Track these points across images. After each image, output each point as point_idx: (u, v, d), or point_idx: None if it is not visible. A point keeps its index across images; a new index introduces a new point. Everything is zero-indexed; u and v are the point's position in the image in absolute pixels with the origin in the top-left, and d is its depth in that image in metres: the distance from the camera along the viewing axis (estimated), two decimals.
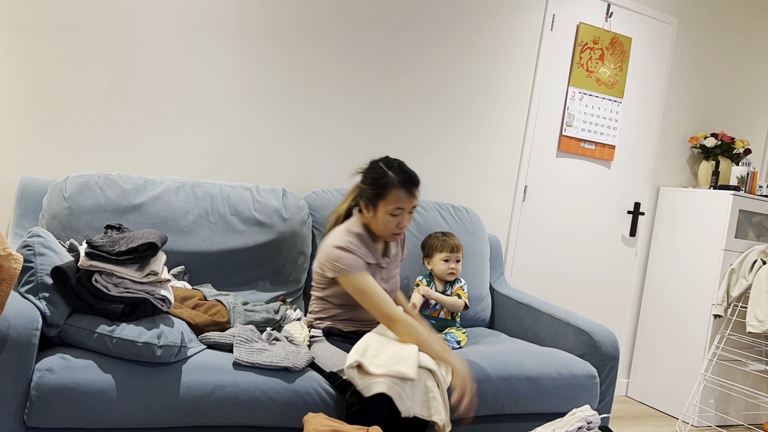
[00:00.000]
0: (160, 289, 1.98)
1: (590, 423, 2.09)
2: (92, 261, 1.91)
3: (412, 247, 2.94)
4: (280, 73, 3.00)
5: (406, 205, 2.22)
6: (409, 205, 2.23)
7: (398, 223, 2.23)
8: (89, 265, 1.90)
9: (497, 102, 3.54)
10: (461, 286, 2.79)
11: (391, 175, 2.21)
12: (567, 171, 3.79)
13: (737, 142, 4.12)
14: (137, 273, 1.94)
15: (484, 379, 2.28)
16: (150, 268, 1.96)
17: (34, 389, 1.74)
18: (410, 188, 2.22)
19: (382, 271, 2.32)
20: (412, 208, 2.25)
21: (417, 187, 2.25)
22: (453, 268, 2.76)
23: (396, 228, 2.24)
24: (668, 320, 3.95)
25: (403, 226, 2.25)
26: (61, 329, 1.89)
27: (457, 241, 2.80)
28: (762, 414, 3.97)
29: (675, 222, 4.01)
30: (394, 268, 2.40)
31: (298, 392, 2.01)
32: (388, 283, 2.35)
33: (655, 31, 4.00)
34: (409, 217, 2.27)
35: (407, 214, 2.25)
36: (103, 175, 2.46)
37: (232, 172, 2.94)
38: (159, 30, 2.74)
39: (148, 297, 1.95)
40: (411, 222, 2.79)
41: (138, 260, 1.95)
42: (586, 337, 2.65)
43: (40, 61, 2.56)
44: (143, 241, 1.95)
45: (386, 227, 2.24)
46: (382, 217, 2.23)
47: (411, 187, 2.22)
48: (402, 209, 2.22)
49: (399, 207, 2.21)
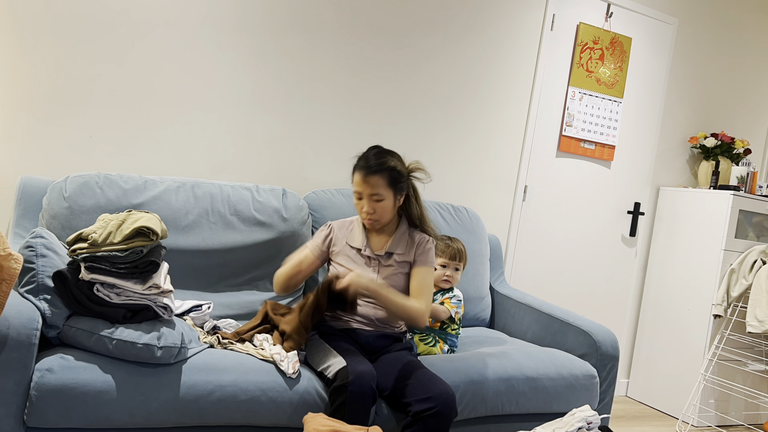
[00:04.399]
0: (162, 298, 1.98)
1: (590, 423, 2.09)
2: (93, 274, 1.89)
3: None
4: (281, 74, 3.00)
5: (362, 189, 2.24)
6: (366, 190, 2.24)
7: (362, 207, 2.27)
8: (90, 278, 1.89)
9: (497, 102, 3.54)
10: (450, 297, 2.64)
11: (358, 160, 2.29)
12: (567, 171, 3.79)
13: (737, 142, 4.12)
14: (139, 286, 1.93)
15: (483, 380, 2.28)
16: (152, 281, 1.95)
17: (34, 389, 1.74)
18: (364, 173, 2.23)
19: (378, 267, 2.30)
20: (370, 195, 2.24)
21: (371, 174, 2.23)
22: (449, 276, 2.67)
23: (363, 213, 2.27)
24: (668, 320, 3.95)
25: (366, 212, 2.25)
26: (60, 330, 1.89)
27: (461, 248, 2.69)
28: (762, 414, 3.97)
29: (675, 222, 4.01)
30: (399, 269, 2.31)
31: (298, 392, 2.01)
32: (386, 282, 2.29)
33: (655, 31, 4.00)
34: (375, 206, 2.24)
35: (370, 201, 2.25)
36: (103, 175, 2.46)
37: (232, 172, 2.94)
38: (159, 30, 2.74)
39: (150, 303, 1.95)
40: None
41: (140, 276, 1.95)
42: (586, 337, 2.65)
43: (40, 61, 2.56)
44: (145, 257, 1.94)
45: (358, 211, 2.30)
46: (354, 201, 2.31)
47: (364, 171, 2.23)
48: (360, 194, 2.25)
49: (357, 191, 2.26)
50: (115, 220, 1.99)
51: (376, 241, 2.33)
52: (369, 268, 2.29)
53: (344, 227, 2.38)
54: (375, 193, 2.23)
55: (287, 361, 2.04)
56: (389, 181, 2.24)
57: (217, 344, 2.16)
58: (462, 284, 2.99)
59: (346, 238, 2.35)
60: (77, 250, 1.93)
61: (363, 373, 1.96)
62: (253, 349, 2.12)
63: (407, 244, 2.33)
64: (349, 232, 2.36)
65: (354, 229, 2.36)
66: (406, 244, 2.33)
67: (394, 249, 2.32)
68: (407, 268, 2.32)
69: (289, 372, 2.01)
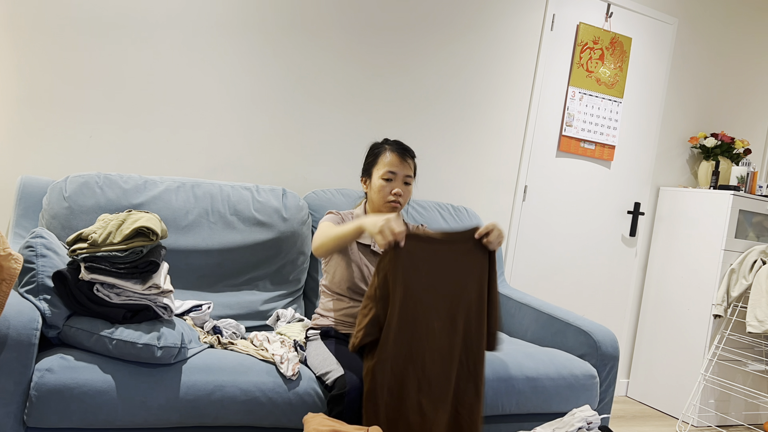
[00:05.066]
0: (162, 298, 1.98)
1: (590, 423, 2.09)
2: (93, 274, 1.89)
3: None
4: (281, 74, 3.00)
5: (398, 169, 2.24)
6: (402, 171, 2.24)
7: (392, 189, 2.24)
8: (90, 278, 1.89)
9: (497, 102, 3.54)
10: None
11: (384, 145, 2.31)
12: (567, 171, 3.79)
13: (737, 142, 4.12)
14: (139, 286, 1.93)
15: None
16: (152, 282, 1.95)
17: (34, 389, 1.74)
18: (403, 154, 2.26)
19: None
20: (405, 176, 2.25)
21: (411, 157, 2.29)
22: None
23: (391, 195, 2.24)
24: (668, 320, 3.95)
25: (398, 193, 2.24)
26: (60, 330, 1.89)
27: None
28: (762, 414, 3.97)
29: (675, 222, 4.01)
30: None
31: (298, 392, 2.01)
32: None
33: (655, 31, 4.00)
34: (405, 189, 2.25)
35: (402, 184, 2.25)
36: (103, 175, 2.46)
37: (232, 172, 2.94)
38: (159, 30, 2.74)
39: (150, 304, 1.95)
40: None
41: (139, 276, 1.95)
42: (586, 337, 2.65)
43: (40, 61, 2.56)
44: (145, 256, 1.94)
45: (381, 195, 2.25)
46: (377, 184, 2.26)
47: (403, 153, 2.27)
48: (394, 174, 2.24)
49: (391, 171, 2.24)
50: (115, 220, 1.99)
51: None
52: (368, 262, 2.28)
53: (348, 220, 2.34)
54: (408, 175, 2.27)
55: (287, 363, 2.04)
56: (415, 168, 2.32)
57: (217, 344, 2.16)
58: None
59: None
60: (77, 250, 1.93)
61: (360, 382, 1.96)
62: (253, 349, 2.12)
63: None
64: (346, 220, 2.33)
65: (389, 211, 2.30)
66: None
67: None
68: None
69: (288, 374, 2.01)
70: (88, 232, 1.96)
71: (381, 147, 2.32)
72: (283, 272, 2.67)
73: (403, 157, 2.26)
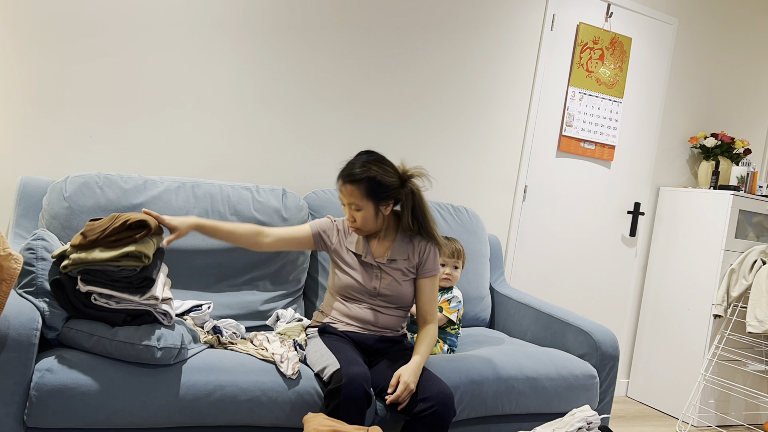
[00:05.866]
0: (162, 305, 1.98)
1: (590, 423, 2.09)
2: (89, 286, 1.88)
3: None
4: (281, 74, 3.00)
5: (343, 198, 2.24)
6: (346, 199, 2.23)
7: (348, 215, 2.25)
8: (87, 289, 1.87)
9: (497, 102, 3.54)
10: (448, 299, 2.65)
11: (344, 165, 2.27)
12: (567, 171, 3.79)
13: (737, 142, 4.12)
14: (137, 297, 1.92)
15: (483, 380, 2.28)
16: (150, 294, 1.94)
17: (34, 389, 1.74)
18: (342, 181, 2.23)
19: (380, 274, 2.27)
20: (349, 203, 2.22)
21: (347, 183, 2.20)
22: (448, 275, 2.69)
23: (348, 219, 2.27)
24: (668, 320, 3.95)
25: (351, 220, 2.24)
26: (59, 332, 1.89)
27: (460, 247, 2.72)
28: (762, 414, 3.97)
29: (675, 222, 4.01)
30: (402, 276, 2.28)
31: (298, 392, 2.01)
32: (387, 289, 2.28)
33: (655, 31, 4.00)
34: (354, 214, 2.22)
35: (350, 209, 2.23)
36: (103, 175, 2.46)
37: (232, 172, 2.94)
38: (160, 30, 2.74)
39: (150, 309, 1.94)
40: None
41: (135, 290, 1.92)
42: (586, 337, 2.65)
43: (40, 60, 2.56)
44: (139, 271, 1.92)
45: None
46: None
47: (342, 180, 2.23)
48: (343, 203, 2.25)
49: (340, 197, 2.26)
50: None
51: (377, 248, 2.30)
52: (370, 276, 2.27)
53: (345, 228, 2.36)
54: (352, 203, 2.21)
55: (287, 362, 2.04)
56: (367, 191, 2.18)
57: (217, 344, 2.16)
58: (462, 284, 2.99)
59: (346, 240, 2.32)
60: (67, 266, 1.89)
61: (357, 375, 1.96)
62: (253, 349, 2.13)
63: (409, 249, 2.29)
64: (349, 233, 2.34)
65: (354, 233, 2.33)
66: (407, 249, 2.29)
67: (396, 256, 2.28)
68: (411, 275, 2.30)
69: (288, 373, 2.01)
70: (70, 250, 1.91)
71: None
72: (283, 272, 2.67)
73: (343, 185, 2.22)
